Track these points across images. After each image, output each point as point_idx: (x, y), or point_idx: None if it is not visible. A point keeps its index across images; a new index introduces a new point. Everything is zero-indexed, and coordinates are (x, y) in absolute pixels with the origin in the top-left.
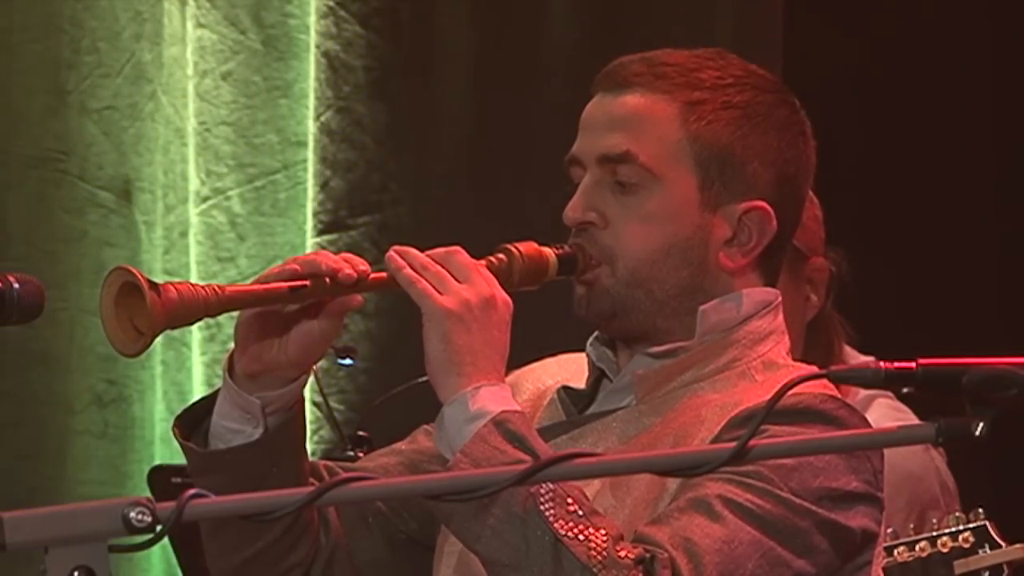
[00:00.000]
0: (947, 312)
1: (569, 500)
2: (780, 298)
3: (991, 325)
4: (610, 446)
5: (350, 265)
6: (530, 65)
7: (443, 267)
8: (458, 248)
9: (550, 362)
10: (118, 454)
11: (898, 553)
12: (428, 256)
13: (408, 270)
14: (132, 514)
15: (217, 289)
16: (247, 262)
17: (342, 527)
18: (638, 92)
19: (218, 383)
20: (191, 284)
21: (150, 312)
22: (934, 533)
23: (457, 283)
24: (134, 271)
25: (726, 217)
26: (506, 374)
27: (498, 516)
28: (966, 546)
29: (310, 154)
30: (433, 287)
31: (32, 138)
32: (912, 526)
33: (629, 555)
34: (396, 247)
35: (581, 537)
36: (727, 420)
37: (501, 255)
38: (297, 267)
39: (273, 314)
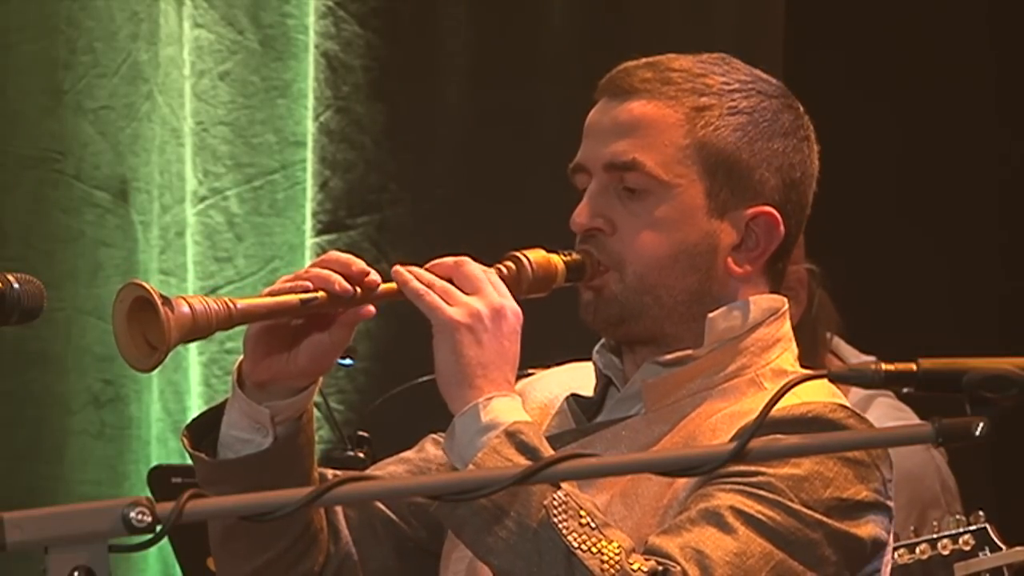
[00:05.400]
0: (947, 312)
1: (582, 512)
2: (787, 305)
3: (991, 325)
4: None
5: (362, 276)
6: (529, 65)
7: (451, 279)
8: (466, 259)
9: (558, 371)
10: (115, 454)
11: (898, 555)
12: (437, 265)
13: (415, 283)
14: (132, 514)
15: (229, 303)
16: (245, 262)
17: (351, 536)
18: (644, 98)
19: (215, 382)
20: (203, 298)
21: (163, 328)
22: (934, 535)
23: (464, 295)
24: (146, 286)
25: (733, 223)
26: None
27: (511, 528)
28: (966, 548)
29: (309, 154)
30: (440, 298)
31: (28, 138)
32: (913, 526)
33: (642, 568)
34: (399, 267)
35: (594, 550)
36: (738, 429)
37: (510, 263)
38: (309, 284)
39: (283, 326)
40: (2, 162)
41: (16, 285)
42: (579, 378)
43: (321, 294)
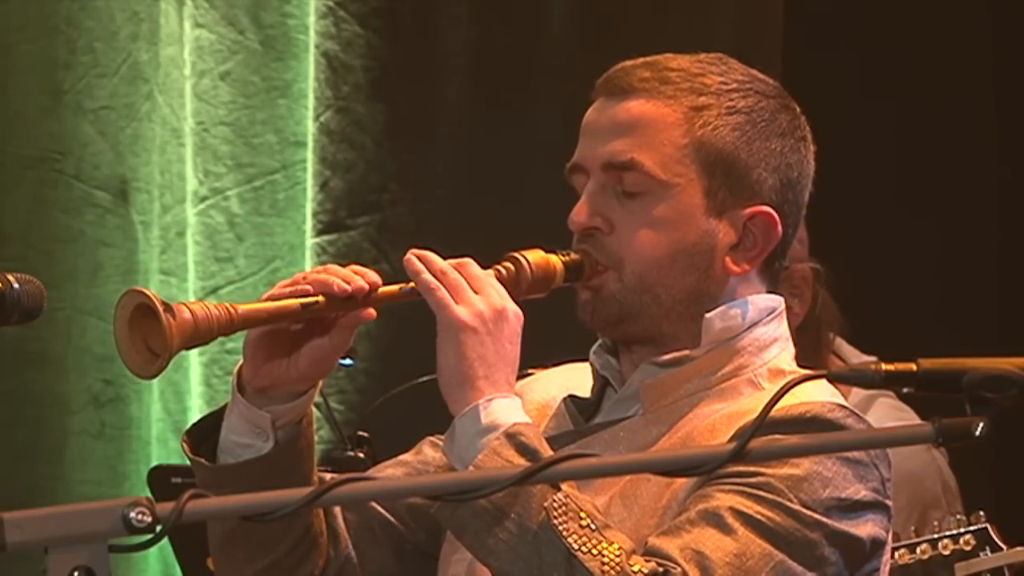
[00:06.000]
0: (947, 312)
1: (582, 514)
2: (784, 305)
3: (991, 325)
4: None
5: (362, 278)
6: (529, 65)
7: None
8: (469, 260)
9: (554, 372)
10: (115, 454)
11: (899, 555)
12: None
13: (427, 275)
14: (132, 514)
15: (230, 308)
16: (245, 262)
17: (351, 539)
18: (642, 97)
19: (215, 383)
20: (204, 304)
21: (165, 334)
22: (935, 536)
23: (473, 294)
24: (148, 293)
25: (731, 222)
26: None
27: (511, 530)
28: (967, 549)
29: (309, 154)
30: (450, 296)
31: (28, 138)
32: (914, 527)
33: (642, 569)
34: (415, 251)
35: (594, 552)
36: (737, 429)
37: (508, 264)
38: (309, 287)
39: (283, 330)
40: (2, 162)
41: (16, 285)
42: (576, 379)
43: (321, 298)
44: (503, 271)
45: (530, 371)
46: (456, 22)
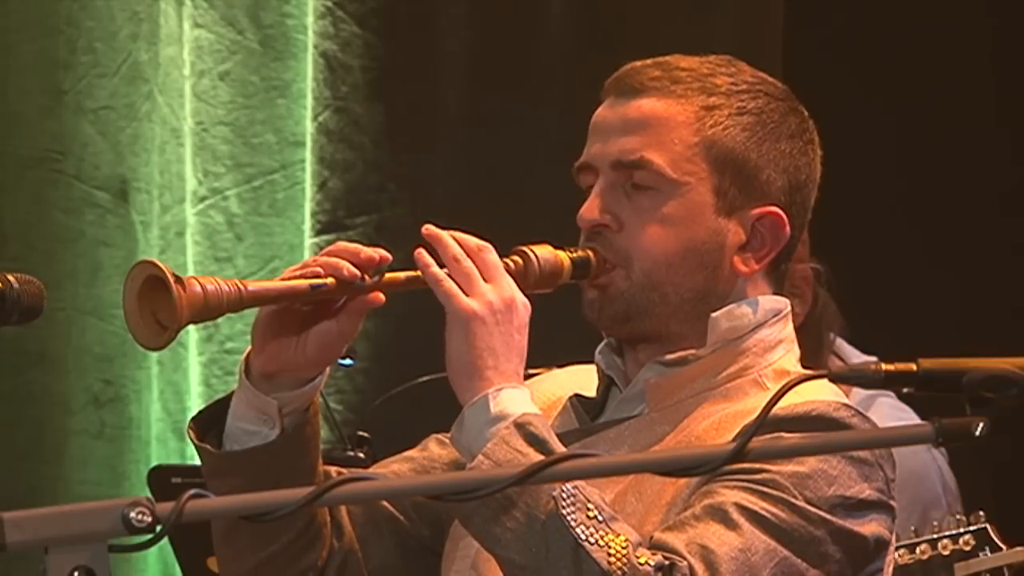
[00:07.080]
0: (947, 312)
1: (590, 505)
2: (789, 307)
3: (991, 325)
4: None
5: (369, 264)
6: (528, 65)
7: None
8: (488, 246)
9: (559, 372)
10: (115, 454)
11: (899, 555)
12: (462, 243)
13: (434, 268)
14: (132, 514)
15: (240, 285)
16: (245, 262)
17: (355, 532)
18: (653, 96)
19: (215, 383)
20: (215, 279)
21: (176, 306)
22: (934, 536)
23: (484, 283)
24: (159, 265)
25: (741, 222)
26: None
27: (519, 520)
28: (967, 549)
29: (308, 154)
30: (459, 286)
31: (28, 138)
32: (913, 527)
33: (649, 561)
34: (429, 230)
35: (601, 543)
36: (741, 428)
37: (517, 257)
38: (319, 269)
39: (291, 313)
40: (2, 162)
41: (16, 285)
42: (581, 380)
43: (331, 280)
44: (511, 264)
45: (532, 371)
46: (455, 22)
